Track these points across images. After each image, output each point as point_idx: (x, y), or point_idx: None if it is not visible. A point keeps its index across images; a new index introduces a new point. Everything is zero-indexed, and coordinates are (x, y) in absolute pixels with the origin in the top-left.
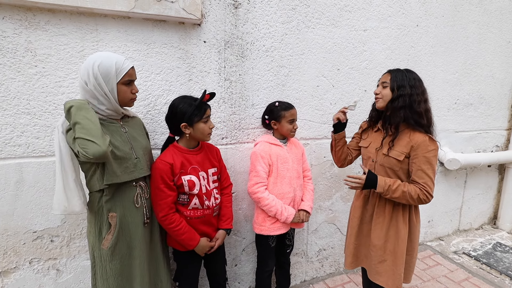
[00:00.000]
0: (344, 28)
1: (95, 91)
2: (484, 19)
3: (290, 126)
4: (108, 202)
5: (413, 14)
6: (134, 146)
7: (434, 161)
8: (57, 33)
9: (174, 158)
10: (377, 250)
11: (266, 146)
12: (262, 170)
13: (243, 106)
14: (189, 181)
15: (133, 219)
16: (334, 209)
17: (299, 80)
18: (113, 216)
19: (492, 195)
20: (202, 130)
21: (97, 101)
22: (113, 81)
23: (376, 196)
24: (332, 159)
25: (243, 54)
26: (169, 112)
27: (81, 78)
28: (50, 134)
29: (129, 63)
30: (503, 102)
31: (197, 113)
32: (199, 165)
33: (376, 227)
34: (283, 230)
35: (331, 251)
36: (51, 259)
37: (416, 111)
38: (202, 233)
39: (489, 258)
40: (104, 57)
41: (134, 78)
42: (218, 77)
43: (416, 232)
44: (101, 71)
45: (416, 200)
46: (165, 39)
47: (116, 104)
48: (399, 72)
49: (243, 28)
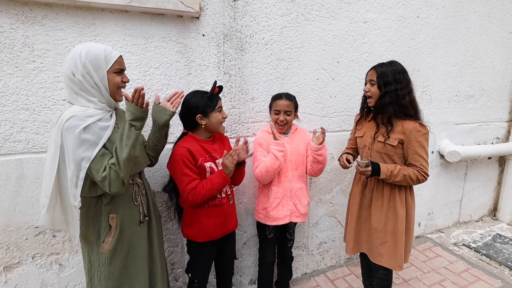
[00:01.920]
0: (343, 20)
1: (84, 81)
2: (485, 9)
3: (275, 116)
4: (108, 205)
5: (414, 5)
6: None
7: (426, 143)
8: (54, 28)
9: (190, 144)
10: (378, 233)
11: (264, 134)
12: (261, 155)
13: (243, 100)
14: (210, 167)
15: (133, 218)
16: (334, 202)
17: (298, 73)
18: (114, 218)
19: (492, 187)
20: (217, 119)
21: (87, 93)
22: (103, 69)
23: (374, 181)
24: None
25: (242, 48)
26: (182, 108)
27: (68, 69)
28: (50, 129)
29: (117, 52)
30: (504, 94)
31: (210, 104)
32: (216, 153)
33: (375, 210)
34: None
35: (331, 244)
36: (54, 254)
37: (401, 104)
38: (220, 224)
39: (489, 250)
40: (91, 46)
41: (124, 67)
42: (217, 70)
43: (412, 213)
44: (90, 59)
45: (415, 181)
46: (164, 33)
47: (108, 95)
48: (384, 67)
49: (242, 21)
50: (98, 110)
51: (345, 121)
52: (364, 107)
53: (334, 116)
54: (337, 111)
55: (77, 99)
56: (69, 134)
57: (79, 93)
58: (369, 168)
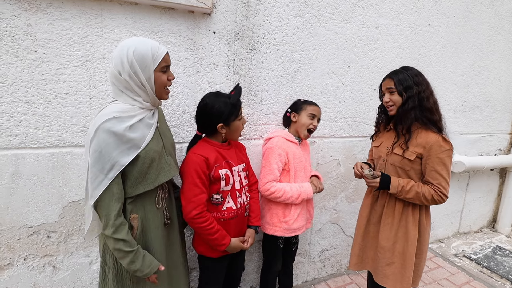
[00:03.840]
0: (356, 24)
1: (130, 81)
2: (494, 21)
3: (309, 121)
4: (130, 204)
5: (425, 12)
6: (165, 143)
7: (448, 161)
8: (59, 17)
9: (207, 151)
10: (385, 252)
11: (284, 142)
12: (276, 168)
13: (251, 102)
14: (225, 174)
15: (154, 221)
16: (338, 209)
17: (308, 77)
18: (135, 218)
19: (492, 199)
20: (237, 128)
21: (132, 92)
22: (150, 68)
23: (386, 195)
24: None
25: (253, 47)
26: (202, 112)
27: (114, 68)
28: (50, 124)
29: (164, 47)
30: (508, 105)
31: (234, 111)
32: (232, 160)
33: (384, 228)
34: (297, 232)
35: (333, 251)
36: (48, 255)
37: (426, 107)
38: (235, 235)
39: (490, 262)
40: (138, 42)
41: (170, 63)
42: (227, 70)
43: (426, 235)
44: (137, 58)
45: (430, 201)
46: (173, 28)
47: (153, 95)
48: (399, 74)
49: (254, 20)
50: (142, 109)
51: (352, 127)
52: (379, 122)
53: (342, 122)
54: (345, 116)
55: (122, 96)
56: (106, 133)
57: (124, 91)
58: (376, 180)
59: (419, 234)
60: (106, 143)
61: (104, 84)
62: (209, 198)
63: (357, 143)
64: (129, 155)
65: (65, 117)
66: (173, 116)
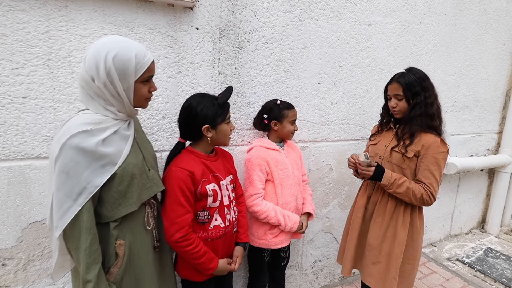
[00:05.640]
0: (348, 21)
1: (104, 90)
2: (483, 19)
3: (292, 127)
4: (116, 229)
5: (417, 10)
6: (145, 155)
7: (443, 163)
8: (13, 8)
9: (193, 165)
10: (372, 250)
11: (262, 151)
12: (258, 180)
13: (239, 104)
14: (213, 190)
15: (143, 245)
16: (331, 217)
17: (299, 77)
18: (122, 245)
19: (482, 199)
20: (225, 133)
21: (106, 101)
22: (131, 79)
23: (380, 193)
24: None
25: (240, 45)
26: (185, 114)
27: (87, 72)
28: (4, 133)
29: (150, 54)
30: (496, 105)
31: (221, 113)
32: (220, 173)
33: (374, 226)
34: (285, 243)
35: (326, 261)
36: (2, 287)
37: (429, 114)
38: (222, 256)
39: (483, 265)
40: (121, 46)
41: (154, 73)
42: (211, 70)
43: (419, 239)
44: (117, 66)
45: (419, 200)
46: (151, 23)
47: (130, 106)
48: (407, 78)
49: (241, 15)
50: (115, 120)
51: (345, 130)
52: (383, 122)
53: (334, 125)
54: (337, 119)
55: (92, 103)
56: (74, 150)
57: (96, 98)
58: (371, 169)
59: (411, 238)
60: (75, 162)
61: (71, 86)
62: (194, 216)
63: (350, 146)
64: (103, 174)
65: (23, 124)
66: (152, 121)
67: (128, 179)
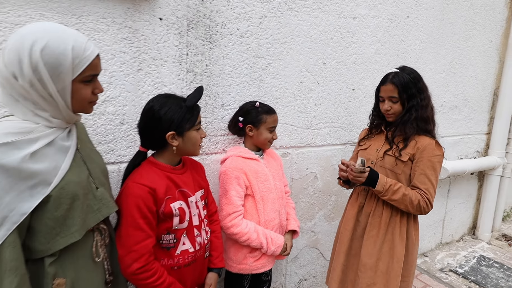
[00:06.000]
0: (332, 14)
1: (31, 90)
2: (470, 14)
3: (270, 135)
4: (52, 265)
5: (404, 3)
6: (92, 169)
7: (439, 167)
8: None
9: (155, 179)
10: (367, 271)
11: (239, 161)
12: (236, 195)
13: (211, 107)
14: (180, 209)
15: (90, 282)
16: (316, 230)
17: (279, 75)
18: (61, 284)
19: (472, 204)
20: (195, 141)
21: (35, 105)
22: (66, 77)
23: (373, 203)
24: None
25: (211, 39)
26: (146, 118)
27: (6, 66)
28: None
29: (94, 47)
30: (484, 105)
31: (189, 118)
32: (188, 188)
33: (368, 241)
34: (269, 266)
35: (312, 280)
36: None
37: (423, 117)
38: (192, 286)
39: (477, 275)
40: (53, 35)
41: (99, 70)
42: (178, 67)
43: (414, 252)
44: (47, 60)
45: (416, 207)
46: (104, 12)
47: (68, 110)
48: (401, 78)
49: (212, 4)
50: (49, 128)
51: (330, 133)
52: (373, 126)
53: (318, 128)
54: (321, 121)
55: (18, 107)
56: None
57: (22, 101)
58: (364, 175)
59: (407, 251)
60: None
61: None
62: (157, 240)
63: (336, 152)
64: (33, 198)
65: None
66: (107, 128)
67: (68, 202)
